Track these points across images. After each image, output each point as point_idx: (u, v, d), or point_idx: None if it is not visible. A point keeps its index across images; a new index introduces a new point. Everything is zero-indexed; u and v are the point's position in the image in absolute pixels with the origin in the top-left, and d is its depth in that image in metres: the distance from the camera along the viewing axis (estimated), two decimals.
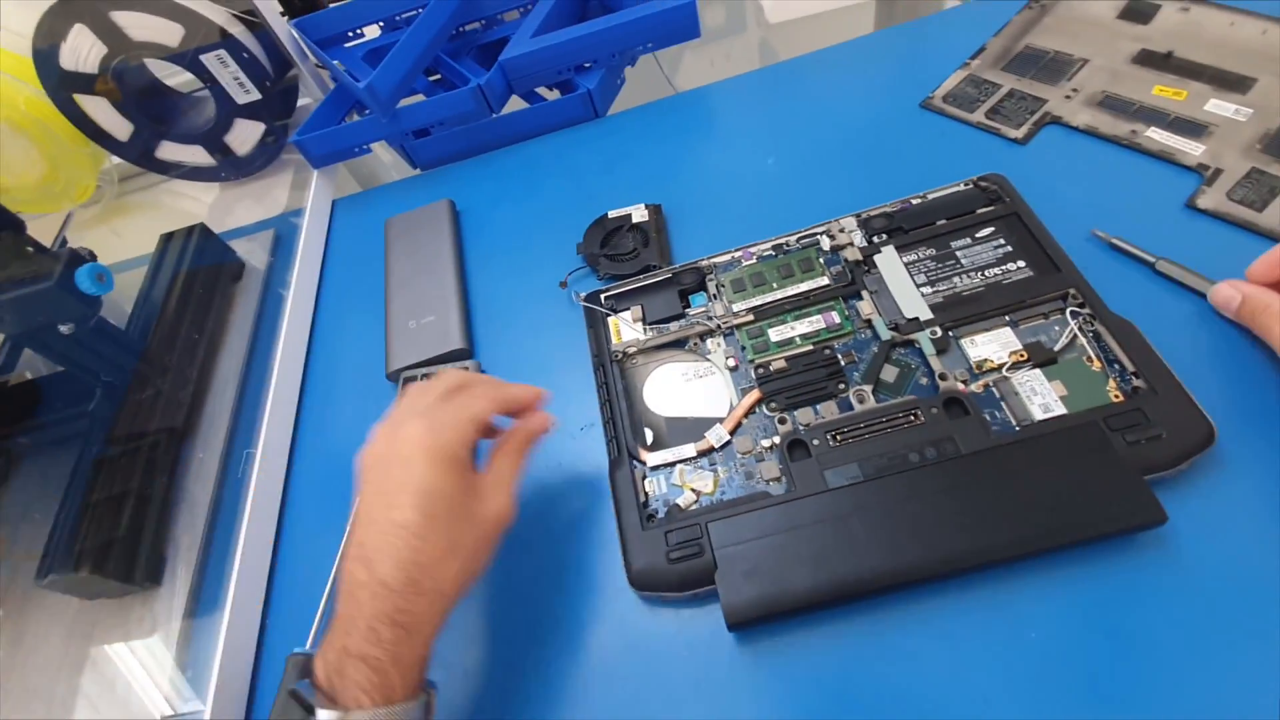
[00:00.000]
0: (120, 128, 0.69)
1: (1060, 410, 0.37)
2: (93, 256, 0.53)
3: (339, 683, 0.29)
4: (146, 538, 0.47)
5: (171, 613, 0.46)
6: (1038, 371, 0.38)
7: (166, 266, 0.59)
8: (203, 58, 0.63)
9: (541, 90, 0.69)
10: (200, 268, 0.60)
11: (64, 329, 0.47)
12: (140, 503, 0.48)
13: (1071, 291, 0.41)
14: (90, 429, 0.50)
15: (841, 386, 0.41)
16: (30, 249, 0.48)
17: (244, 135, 0.69)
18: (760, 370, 0.43)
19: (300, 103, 0.74)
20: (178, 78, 0.71)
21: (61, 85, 0.66)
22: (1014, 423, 0.37)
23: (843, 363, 0.42)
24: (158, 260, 0.60)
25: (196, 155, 0.71)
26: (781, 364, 0.42)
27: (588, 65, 0.65)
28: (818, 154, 0.56)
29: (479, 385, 0.37)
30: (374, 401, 0.51)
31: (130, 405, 0.51)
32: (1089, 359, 0.38)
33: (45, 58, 0.64)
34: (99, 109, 0.68)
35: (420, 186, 0.67)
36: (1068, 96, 0.53)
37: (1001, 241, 0.44)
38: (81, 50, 0.64)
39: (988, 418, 0.37)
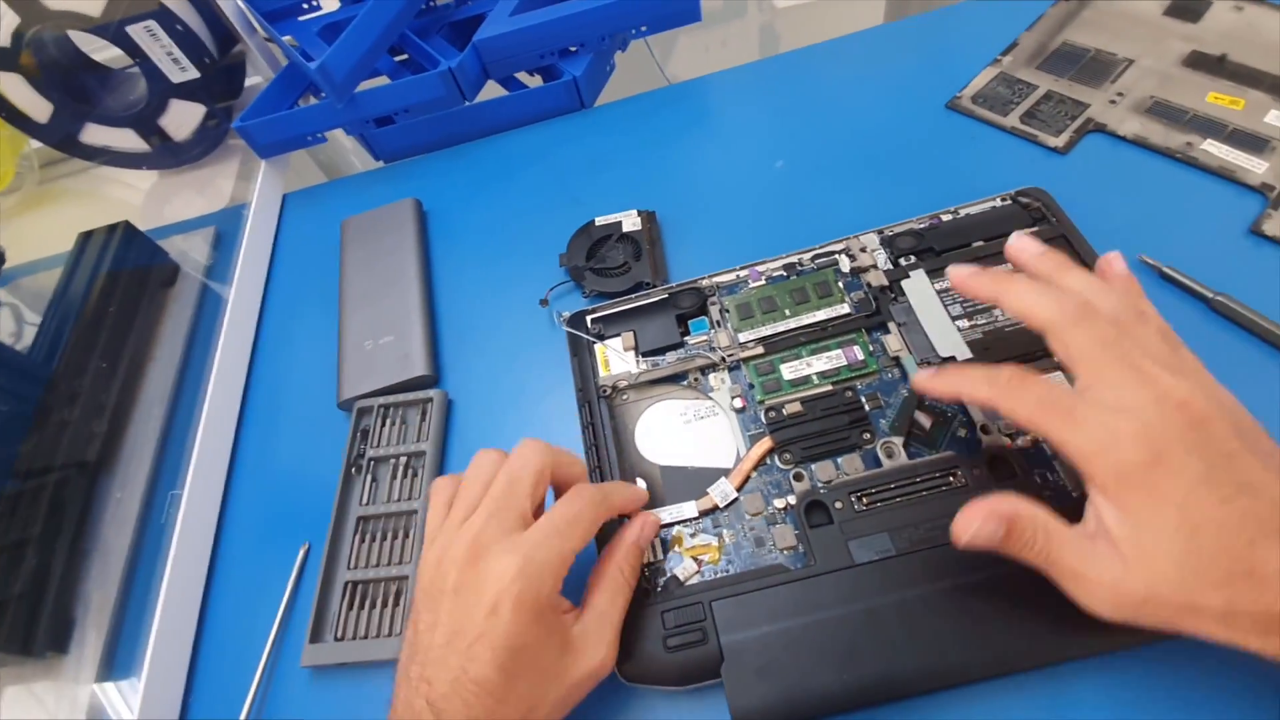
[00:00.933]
0: (39, 108, 0.60)
1: None
2: None
3: None
4: (50, 596, 0.40)
5: (79, 685, 0.39)
6: None
7: (83, 271, 0.51)
8: (129, 29, 0.54)
9: (521, 76, 0.62)
10: (124, 271, 0.52)
11: None
12: (43, 553, 0.41)
13: None
14: None
15: (867, 437, 0.35)
16: None
17: (181, 118, 0.61)
18: (772, 414, 0.37)
19: (249, 82, 0.65)
20: (106, 52, 0.63)
21: None
22: (1070, 488, 0.32)
23: (867, 407, 0.36)
24: (73, 263, 0.52)
25: (127, 139, 0.62)
26: (796, 407, 0.37)
27: (574, 49, 0.58)
28: (832, 158, 0.50)
29: (580, 498, 0.30)
30: (323, 434, 0.45)
31: (33, 438, 0.43)
32: None
33: None
34: (14, 87, 0.59)
35: (383, 181, 0.60)
36: (1112, 101, 0.47)
37: None
38: None
39: (1039, 480, 0.32)
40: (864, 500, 0.33)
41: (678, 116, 0.57)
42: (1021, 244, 0.30)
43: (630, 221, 0.49)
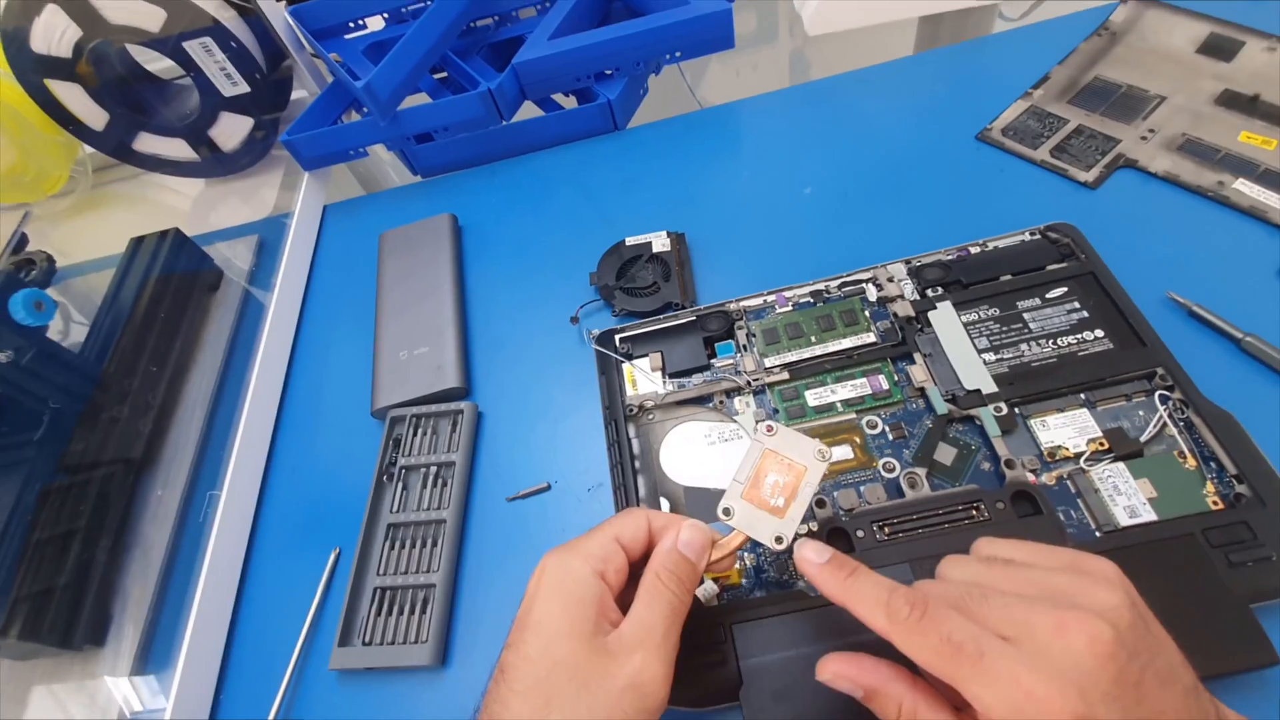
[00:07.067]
0: (95, 116, 0.63)
1: (1149, 516, 0.31)
2: (50, 262, 0.48)
3: None
4: (91, 590, 0.42)
5: (115, 677, 0.40)
6: (1121, 466, 0.33)
7: (134, 274, 0.53)
8: (186, 45, 0.57)
9: (557, 97, 0.63)
10: (172, 275, 0.54)
11: (1, 357, 0.41)
12: (87, 545, 0.43)
13: (1159, 371, 0.35)
14: (35, 460, 0.44)
15: (890, 467, 0.36)
16: None
17: (230, 130, 0.64)
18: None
19: (295, 96, 0.68)
20: (160, 63, 0.65)
21: (32, 69, 0.60)
22: (1094, 527, 0.32)
23: (890, 436, 0.37)
24: (125, 267, 0.54)
25: (178, 149, 0.65)
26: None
27: (609, 73, 0.59)
28: (861, 186, 0.51)
29: (623, 513, 0.31)
30: (357, 441, 0.46)
31: (82, 434, 0.45)
32: (1181, 455, 0.33)
33: (15, 40, 0.58)
34: (73, 95, 0.62)
35: (420, 196, 0.61)
36: (1144, 137, 0.48)
37: (1075, 305, 0.39)
38: (54, 33, 0.58)
39: (1063, 518, 0.32)
40: (886, 530, 0.33)
41: (709, 140, 0.58)
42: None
43: (660, 242, 0.50)
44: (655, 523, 0.30)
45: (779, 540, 0.29)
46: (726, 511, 0.30)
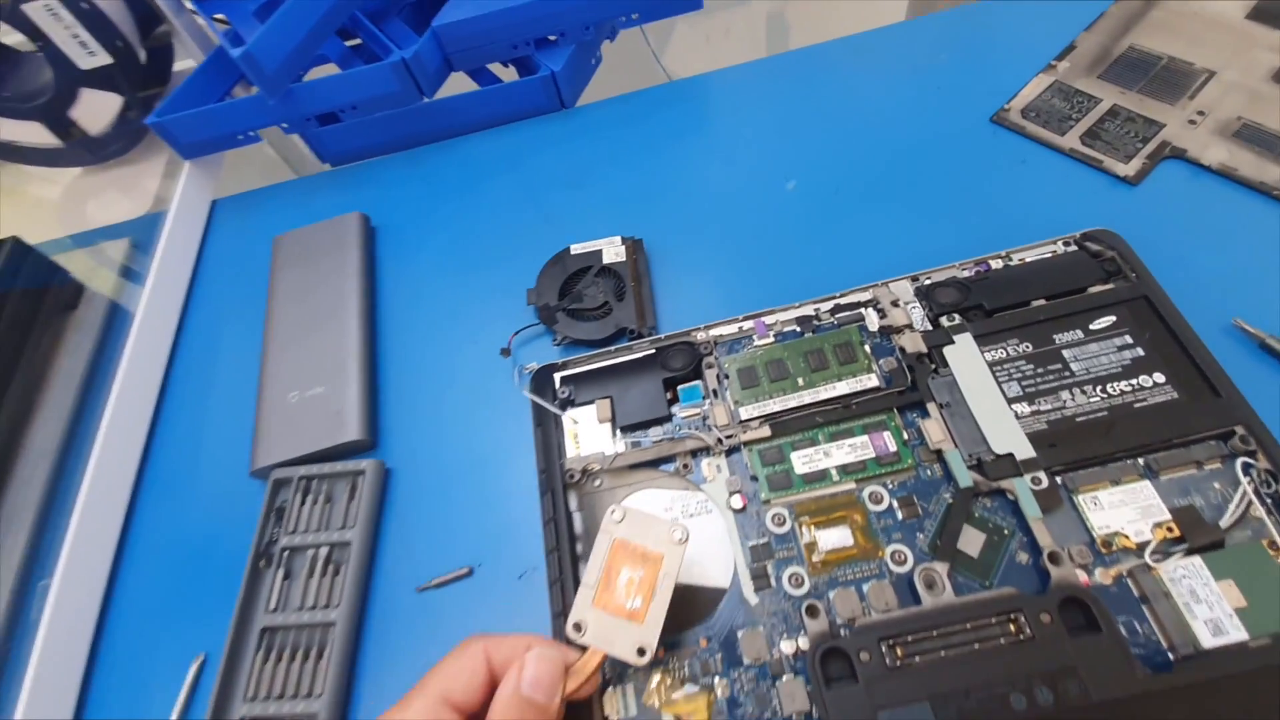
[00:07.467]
0: None
1: (1238, 634, 0.24)
2: None
3: None
4: None
5: None
6: (1197, 561, 0.26)
7: None
8: (26, 8, 0.46)
9: (494, 68, 0.53)
10: (12, 294, 0.44)
11: None
12: None
13: (1239, 430, 0.28)
14: None
15: (900, 557, 0.28)
16: None
17: (94, 110, 0.53)
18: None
19: (179, 67, 0.57)
20: (14, 36, 0.54)
21: None
22: (1167, 647, 0.24)
23: (900, 515, 0.29)
24: None
25: (34, 133, 0.54)
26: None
27: (553, 39, 0.50)
28: (854, 179, 0.42)
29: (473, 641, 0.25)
30: (238, 508, 0.37)
31: None
32: (1273, 545, 0.26)
33: None
34: None
35: (326, 189, 0.51)
36: (1191, 121, 0.40)
37: (1128, 339, 0.31)
38: None
39: (1125, 633, 0.25)
40: (898, 650, 0.26)
41: (672, 122, 0.49)
42: None
43: (613, 251, 0.41)
44: (495, 657, 0.24)
45: (641, 653, 0.24)
46: (577, 627, 0.24)
